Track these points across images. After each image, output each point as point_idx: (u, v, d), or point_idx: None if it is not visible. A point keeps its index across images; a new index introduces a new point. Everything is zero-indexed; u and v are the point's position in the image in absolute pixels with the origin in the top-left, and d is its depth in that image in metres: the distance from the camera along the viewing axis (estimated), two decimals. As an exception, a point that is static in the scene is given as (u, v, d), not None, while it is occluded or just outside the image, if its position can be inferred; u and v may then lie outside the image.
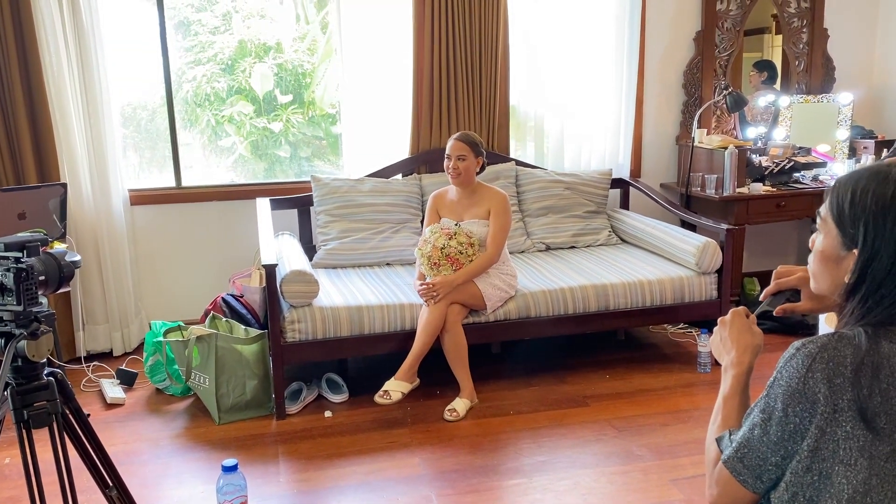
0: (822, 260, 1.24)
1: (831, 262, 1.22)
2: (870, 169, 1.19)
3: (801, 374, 1.13)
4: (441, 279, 3.25)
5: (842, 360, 1.12)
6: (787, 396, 1.14)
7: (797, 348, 1.17)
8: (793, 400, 1.14)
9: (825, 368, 1.12)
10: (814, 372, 1.12)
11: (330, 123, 4.71)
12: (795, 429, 1.14)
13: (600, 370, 3.69)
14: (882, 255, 1.13)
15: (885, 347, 1.13)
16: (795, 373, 1.14)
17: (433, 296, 3.23)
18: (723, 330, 1.42)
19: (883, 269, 1.13)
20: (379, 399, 3.15)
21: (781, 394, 1.15)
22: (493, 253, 3.36)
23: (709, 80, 4.59)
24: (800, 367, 1.14)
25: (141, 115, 4.39)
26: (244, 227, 4.13)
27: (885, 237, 1.13)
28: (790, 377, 1.15)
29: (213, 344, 3.18)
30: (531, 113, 4.40)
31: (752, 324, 1.41)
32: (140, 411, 3.37)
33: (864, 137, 4.62)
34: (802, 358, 1.14)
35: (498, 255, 3.38)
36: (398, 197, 3.97)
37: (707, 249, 3.58)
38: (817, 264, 1.26)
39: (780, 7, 4.64)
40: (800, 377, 1.13)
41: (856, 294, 1.17)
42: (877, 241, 1.14)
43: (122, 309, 3.95)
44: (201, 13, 4.58)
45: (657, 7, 4.46)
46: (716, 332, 1.44)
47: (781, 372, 1.17)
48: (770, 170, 4.31)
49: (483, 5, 4.02)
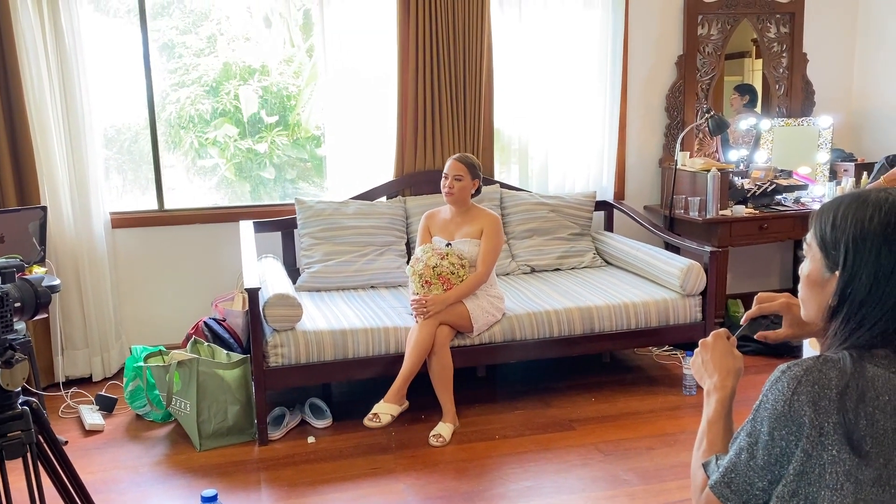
0: (809, 284, 1.25)
1: (817, 286, 1.23)
2: (851, 194, 1.21)
3: (787, 396, 1.13)
4: (433, 297, 3.24)
5: (827, 383, 1.12)
6: (773, 420, 1.14)
7: (782, 371, 1.17)
8: (779, 423, 1.13)
9: (810, 391, 1.12)
10: (799, 395, 1.12)
11: (315, 146, 4.71)
12: (782, 452, 1.14)
13: (586, 393, 3.67)
14: (861, 275, 1.15)
15: (870, 371, 1.13)
16: (781, 396, 1.14)
17: (424, 312, 3.21)
18: (704, 353, 1.42)
19: (863, 289, 1.14)
20: (368, 422, 3.12)
21: (767, 417, 1.15)
22: (483, 272, 3.36)
23: (691, 104, 4.63)
24: (785, 391, 1.14)
25: (124, 137, 4.36)
26: (227, 250, 4.09)
27: (865, 259, 1.14)
28: (776, 400, 1.14)
29: (194, 369, 3.14)
30: (515, 136, 4.42)
31: (732, 346, 1.41)
32: (119, 438, 3.31)
33: (844, 160, 4.68)
34: (788, 381, 1.14)
35: (488, 274, 3.39)
36: (383, 219, 3.96)
37: (691, 272, 3.59)
38: (805, 290, 1.27)
39: (760, 32, 4.71)
40: (785, 400, 1.13)
41: (838, 316, 1.18)
42: (856, 263, 1.15)
43: (103, 333, 3.89)
44: (186, 35, 4.58)
45: (639, 31, 4.51)
46: (697, 355, 1.44)
47: (767, 395, 1.17)
48: (752, 192, 4.35)
49: (467, 29, 4.05)
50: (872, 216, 1.14)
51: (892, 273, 1.13)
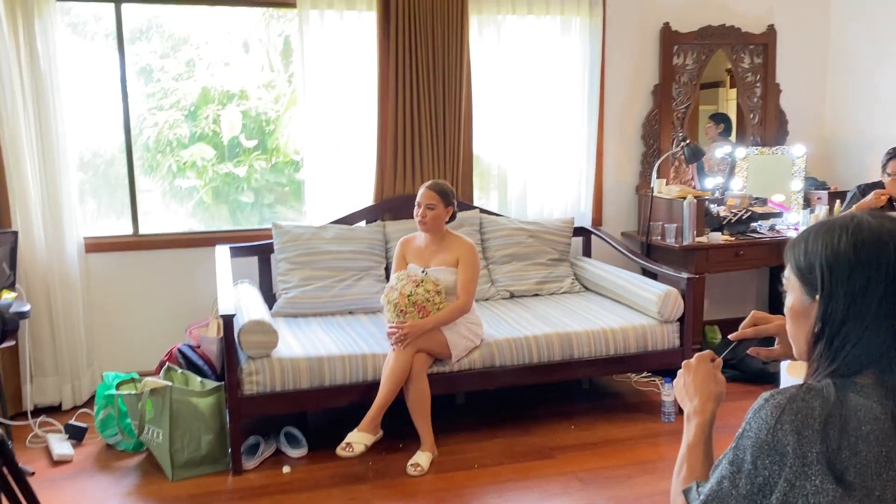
0: (794, 317, 1.26)
1: (802, 317, 1.24)
2: (818, 223, 1.25)
3: (770, 425, 1.12)
4: (411, 323, 3.21)
5: (810, 412, 1.12)
6: (756, 448, 1.13)
7: (766, 399, 1.16)
8: (762, 452, 1.13)
9: (794, 420, 1.11)
10: (782, 423, 1.12)
11: (294, 170, 4.69)
12: (765, 482, 1.13)
13: (565, 420, 3.65)
14: (839, 295, 1.16)
15: (853, 400, 1.13)
16: (764, 424, 1.13)
17: (401, 339, 3.18)
18: (687, 375, 1.42)
19: (842, 308, 1.16)
20: (341, 452, 3.06)
21: (750, 445, 1.14)
22: (465, 302, 3.34)
23: (667, 132, 4.69)
24: (768, 419, 1.13)
25: (100, 161, 4.31)
26: (203, 275, 4.04)
27: (839, 278, 1.16)
28: (759, 429, 1.14)
29: (167, 397, 3.08)
30: (495, 162, 4.44)
31: (717, 369, 1.41)
32: (89, 468, 3.22)
33: (817, 188, 4.75)
34: (771, 409, 1.14)
35: (469, 304, 3.36)
36: (361, 244, 3.94)
37: (669, 298, 3.60)
38: (792, 324, 1.28)
39: (734, 62, 4.79)
40: (768, 428, 1.12)
41: (822, 339, 1.19)
42: (833, 284, 1.17)
43: (74, 360, 3.81)
44: (165, 60, 4.56)
45: (616, 61, 4.57)
46: (680, 376, 1.44)
47: (750, 423, 1.16)
48: (728, 219, 4.39)
49: (447, 55, 4.07)
50: (841, 237, 1.18)
51: (867, 290, 1.15)
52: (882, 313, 1.15)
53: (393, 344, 3.22)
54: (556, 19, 4.34)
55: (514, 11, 4.25)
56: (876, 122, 4.65)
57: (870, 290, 1.15)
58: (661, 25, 4.60)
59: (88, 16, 4.11)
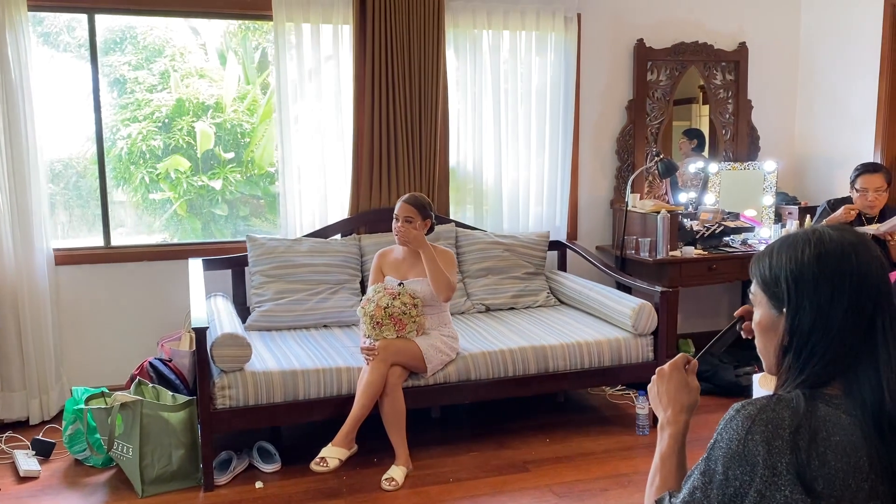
0: (762, 331, 1.28)
1: (770, 331, 1.26)
2: (780, 238, 1.28)
3: (741, 436, 1.14)
4: (416, 234, 3.30)
5: (780, 423, 1.13)
6: (728, 459, 1.14)
7: (737, 410, 1.17)
8: (733, 462, 1.14)
9: (764, 430, 1.13)
10: (753, 434, 1.13)
11: (269, 182, 4.67)
12: (735, 492, 1.14)
13: (540, 434, 3.65)
14: (805, 306, 1.18)
15: (822, 410, 1.15)
16: (735, 435, 1.15)
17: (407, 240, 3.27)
18: (660, 383, 1.42)
19: (808, 320, 1.18)
20: (315, 467, 3.03)
21: (722, 456, 1.15)
22: (453, 280, 3.38)
23: (641, 147, 4.74)
24: (739, 430, 1.14)
25: (71, 172, 4.26)
26: (175, 288, 4.00)
27: (805, 290, 1.19)
28: (730, 439, 1.15)
29: (137, 411, 3.03)
30: (471, 176, 4.45)
31: (692, 373, 1.42)
32: (56, 485, 3.15)
33: (788, 203, 4.82)
34: (742, 420, 1.15)
35: (454, 287, 3.39)
36: (337, 257, 3.92)
37: (643, 311, 3.62)
38: (760, 339, 1.29)
39: (707, 79, 4.86)
40: (739, 439, 1.14)
41: (789, 352, 1.21)
42: (798, 295, 1.19)
43: (42, 374, 3.74)
44: (138, 71, 4.53)
45: (591, 77, 4.62)
46: (654, 383, 1.44)
47: (721, 434, 1.17)
48: (701, 234, 4.44)
49: (423, 69, 4.09)
50: (805, 250, 1.20)
51: (831, 300, 1.17)
52: (848, 324, 1.17)
53: (366, 358, 3.21)
54: (532, 35, 4.38)
55: (490, 27, 4.29)
56: (844, 138, 4.74)
57: (835, 302, 1.17)
58: (636, 42, 4.66)
59: (61, 26, 4.08)
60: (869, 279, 1.18)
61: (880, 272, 1.20)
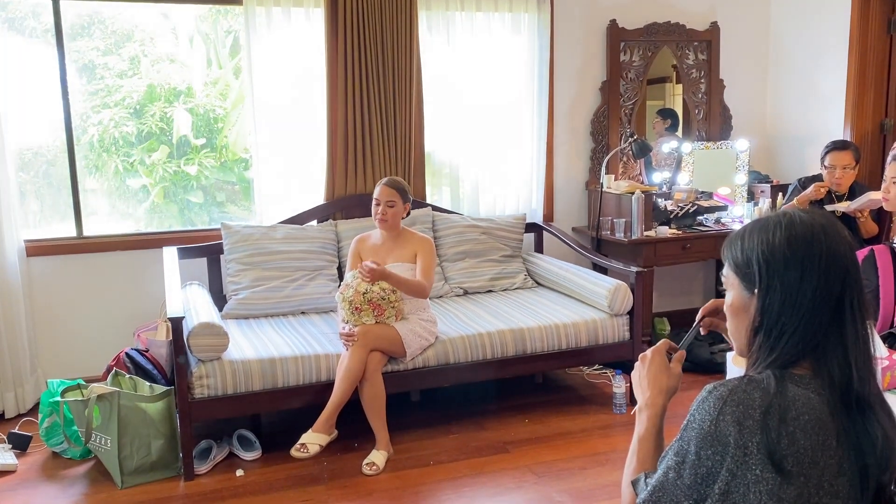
0: (734, 312, 1.30)
1: (742, 312, 1.28)
2: (752, 222, 1.30)
3: (713, 416, 1.16)
4: (378, 268, 3.21)
5: (751, 403, 1.15)
6: (700, 439, 1.17)
7: (709, 391, 1.20)
8: (705, 443, 1.16)
9: (735, 411, 1.15)
10: (724, 415, 1.15)
11: (243, 168, 4.62)
12: (708, 472, 1.16)
13: (519, 415, 3.69)
14: (776, 287, 1.21)
15: (792, 391, 1.17)
16: (707, 415, 1.17)
17: (368, 276, 3.19)
18: (642, 368, 1.45)
19: (778, 300, 1.21)
20: (296, 453, 3.04)
21: (694, 437, 1.18)
22: (425, 283, 3.35)
23: (615, 128, 4.76)
24: (711, 410, 1.17)
25: (41, 161, 4.18)
26: (150, 277, 3.96)
27: (775, 271, 1.21)
28: (702, 420, 1.17)
29: (115, 402, 3.01)
30: (447, 159, 4.44)
31: (678, 362, 1.45)
32: (34, 478, 3.13)
33: (760, 182, 4.88)
34: (714, 401, 1.17)
35: (428, 288, 3.38)
36: (313, 244, 3.91)
37: (618, 292, 3.66)
38: (732, 321, 1.32)
39: (679, 59, 4.88)
40: (711, 420, 1.16)
41: (760, 332, 1.23)
42: (769, 276, 1.22)
43: (16, 367, 3.70)
44: (108, 56, 4.44)
45: (564, 58, 4.62)
46: (636, 369, 1.47)
47: (694, 415, 1.20)
48: (675, 213, 4.48)
49: (396, 52, 4.06)
50: (775, 233, 1.23)
51: (801, 280, 1.20)
52: (816, 304, 1.19)
53: (345, 343, 3.21)
54: (505, 16, 4.36)
55: (463, 8, 4.26)
56: (814, 117, 4.80)
57: (804, 282, 1.19)
58: (608, 22, 4.66)
59: (26, 11, 3.98)
60: (838, 260, 1.20)
61: (849, 253, 1.23)
